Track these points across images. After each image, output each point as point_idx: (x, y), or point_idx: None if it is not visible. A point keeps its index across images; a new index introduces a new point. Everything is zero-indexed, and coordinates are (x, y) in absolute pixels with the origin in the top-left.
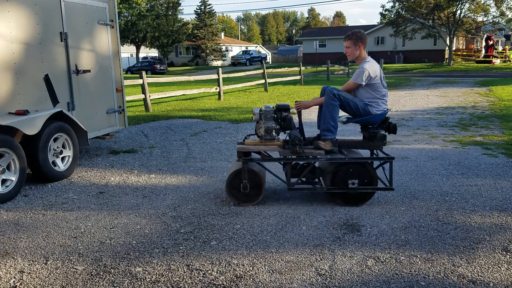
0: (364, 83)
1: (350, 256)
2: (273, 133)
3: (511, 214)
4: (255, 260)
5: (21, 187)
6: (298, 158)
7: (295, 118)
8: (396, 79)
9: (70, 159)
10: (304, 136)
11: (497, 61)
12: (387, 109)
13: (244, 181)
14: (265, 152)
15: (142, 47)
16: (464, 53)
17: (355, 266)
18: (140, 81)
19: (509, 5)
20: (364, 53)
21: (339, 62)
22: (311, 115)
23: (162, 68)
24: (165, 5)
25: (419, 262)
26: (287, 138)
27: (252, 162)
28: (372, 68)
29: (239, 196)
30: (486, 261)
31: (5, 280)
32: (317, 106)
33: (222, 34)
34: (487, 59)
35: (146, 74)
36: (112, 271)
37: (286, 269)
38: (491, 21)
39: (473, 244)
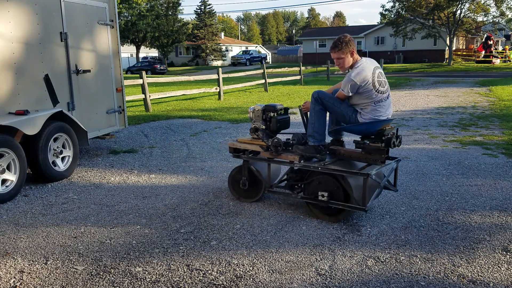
0: (351, 94)
1: (350, 256)
2: (259, 133)
3: (511, 214)
4: (255, 260)
5: (21, 187)
6: (272, 161)
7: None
8: (396, 79)
9: (70, 159)
10: (306, 139)
11: (497, 61)
12: (388, 118)
13: (243, 178)
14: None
15: (142, 47)
16: (464, 53)
17: (355, 266)
18: (140, 81)
19: (509, 5)
20: (356, 57)
21: None
22: None
23: (162, 68)
24: (165, 5)
25: (419, 262)
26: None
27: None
28: (359, 76)
29: (240, 192)
30: (486, 261)
31: (5, 280)
32: None
33: (222, 34)
34: (487, 59)
35: (146, 74)
36: (112, 271)
37: (286, 269)
38: (491, 21)
39: (473, 244)
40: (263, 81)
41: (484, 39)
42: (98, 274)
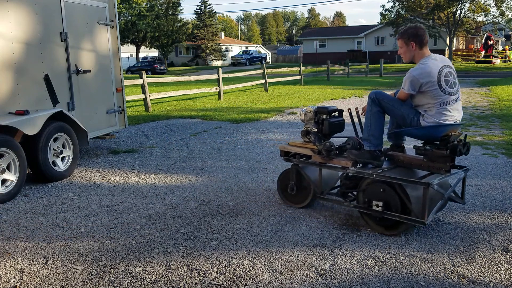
0: (412, 92)
1: (350, 256)
2: (311, 136)
3: (511, 214)
4: (255, 260)
5: (21, 187)
6: (324, 165)
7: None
8: (396, 79)
9: (70, 159)
10: (361, 143)
11: (497, 61)
12: (455, 122)
13: (291, 182)
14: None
15: (142, 47)
16: (464, 53)
17: (355, 266)
18: (140, 81)
19: (509, 5)
20: (423, 52)
21: (339, 62)
22: None
23: (162, 68)
24: (165, 5)
25: (419, 262)
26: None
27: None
28: (421, 72)
29: (287, 196)
30: (486, 261)
31: (5, 280)
32: None
33: (222, 34)
34: (487, 59)
35: (146, 74)
36: (112, 271)
37: (286, 269)
38: (491, 21)
39: (473, 244)
40: (263, 81)
41: (484, 39)
42: (98, 274)
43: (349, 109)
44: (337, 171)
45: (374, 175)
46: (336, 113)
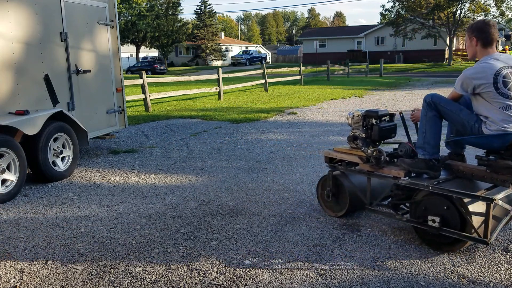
0: (463, 93)
1: (350, 256)
2: (358, 141)
3: None
4: (255, 260)
5: (21, 187)
6: (373, 174)
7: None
8: (396, 79)
9: (70, 159)
10: (415, 151)
11: None
12: None
13: (327, 189)
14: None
15: (142, 47)
16: (464, 53)
17: (355, 266)
18: (140, 81)
19: (509, 5)
20: (486, 51)
21: (339, 62)
22: (311, 115)
23: (162, 68)
24: (165, 5)
25: (419, 262)
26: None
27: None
28: (475, 73)
29: (325, 203)
30: (486, 261)
31: (5, 280)
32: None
33: (222, 34)
34: None
35: (146, 74)
36: (112, 271)
37: (286, 269)
38: None
39: (473, 244)
40: (263, 81)
41: None
42: (98, 274)
43: (400, 112)
44: (387, 180)
45: (430, 187)
46: (387, 118)
